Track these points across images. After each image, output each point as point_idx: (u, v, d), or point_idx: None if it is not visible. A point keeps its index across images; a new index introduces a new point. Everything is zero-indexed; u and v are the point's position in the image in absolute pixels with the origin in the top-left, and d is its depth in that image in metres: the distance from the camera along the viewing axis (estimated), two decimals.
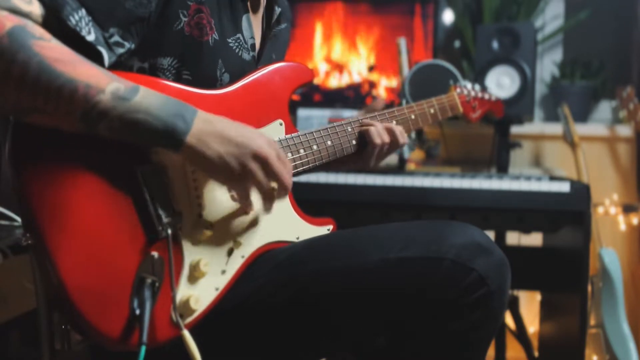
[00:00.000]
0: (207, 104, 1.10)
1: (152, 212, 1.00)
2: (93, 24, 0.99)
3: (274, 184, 1.05)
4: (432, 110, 1.46)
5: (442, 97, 1.52)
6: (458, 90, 1.59)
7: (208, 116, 1.00)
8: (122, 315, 0.97)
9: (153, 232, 1.01)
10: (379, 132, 1.29)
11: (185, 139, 0.97)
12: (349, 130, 1.28)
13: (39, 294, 1.12)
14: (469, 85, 1.67)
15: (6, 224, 1.52)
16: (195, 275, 1.05)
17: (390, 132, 1.31)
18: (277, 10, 1.29)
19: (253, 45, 1.23)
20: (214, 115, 1.01)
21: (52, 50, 0.90)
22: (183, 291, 1.04)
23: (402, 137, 1.33)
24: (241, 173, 1.01)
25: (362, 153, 1.30)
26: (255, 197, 1.09)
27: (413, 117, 1.41)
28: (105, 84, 0.93)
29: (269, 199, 1.07)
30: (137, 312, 0.97)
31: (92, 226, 0.96)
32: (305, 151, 1.21)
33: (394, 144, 1.32)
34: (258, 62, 1.26)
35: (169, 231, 1.01)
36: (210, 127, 0.99)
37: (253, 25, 1.23)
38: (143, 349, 0.94)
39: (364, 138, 1.29)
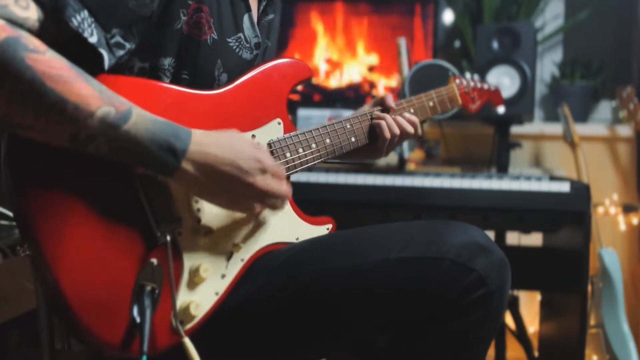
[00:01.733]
0: (205, 105, 1.09)
1: (150, 218, 0.99)
2: (96, 25, 0.96)
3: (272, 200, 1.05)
4: (431, 103, 1.46)
5: (441, 89, 1.52)
6: (457, 81, 1.59)
7: (201, 143, 0.98)
8: (123, 323, 0.96)
9: (152, 239, 0.99)
10: (389, 126, 1.31)
11: (174, 172, 0.96)
12: (348, 127, 1.28)
13: (39, 294, 1.12)
14: (467, 75, 1.67)
15: (6, 224, 1.52)
16: (195, 281, 1.04)
17: (399, 125, 1.33)
18: (263, 3, 1.27)
19: (257, 44, 1.22)
20: (209, 138, 0.99)
21: (45, 64, 0.87)
22: (183, 297, 1.03)
23: (409, 128, 1.34)
24: (235, 201, 1.03)
25: (374, 145, 1.33)
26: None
27: (412, 111, 1.41)
28: (95, 107, 0.90)
29: (270, 208, 1.08)
30: (138, 320, 0.95)
31: (90, 234, 0.95)
32: (304, 150, 1.20)
33: (404, 135, 1.35)
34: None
35: (168, 237, 1.00)
36: (202, 158, 0.97)
37: (255, 24, 1.23)
38: (144, 359, 0.93)
39: (374, 131, 1.31)
